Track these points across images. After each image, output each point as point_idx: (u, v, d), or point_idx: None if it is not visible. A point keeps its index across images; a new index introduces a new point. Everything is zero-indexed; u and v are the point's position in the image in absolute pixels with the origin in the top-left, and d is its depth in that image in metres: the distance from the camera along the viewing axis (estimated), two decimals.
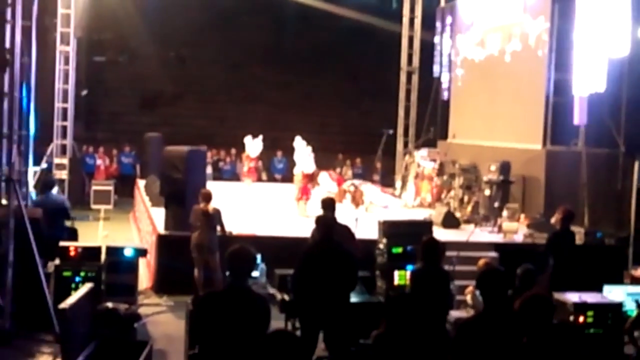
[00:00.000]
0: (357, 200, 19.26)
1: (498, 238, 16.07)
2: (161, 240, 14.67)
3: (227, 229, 13.67)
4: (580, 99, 17.86)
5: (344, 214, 12.20)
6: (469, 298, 10.35)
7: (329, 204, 11.28)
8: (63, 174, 23.57)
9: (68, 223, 13.93)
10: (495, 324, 6.07)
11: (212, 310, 6.50)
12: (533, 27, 20.10)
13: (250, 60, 31.38)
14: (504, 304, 6.22)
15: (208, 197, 13.50)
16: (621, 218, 17.35)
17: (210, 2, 30.67)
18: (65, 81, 23.73)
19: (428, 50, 26.54)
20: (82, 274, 11.35)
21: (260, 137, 23.70)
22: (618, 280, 13.46)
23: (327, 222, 9.29)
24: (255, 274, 10.80)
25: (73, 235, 13.44)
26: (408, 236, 12.08)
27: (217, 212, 13.43)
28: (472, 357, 6.01)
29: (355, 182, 20.61)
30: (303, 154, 19.02)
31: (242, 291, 6.50)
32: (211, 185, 15.91)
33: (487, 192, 18.11)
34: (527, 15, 20.49)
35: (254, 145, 23.66)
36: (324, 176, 19.84)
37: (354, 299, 9.52)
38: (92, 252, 11.81)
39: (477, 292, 8.95)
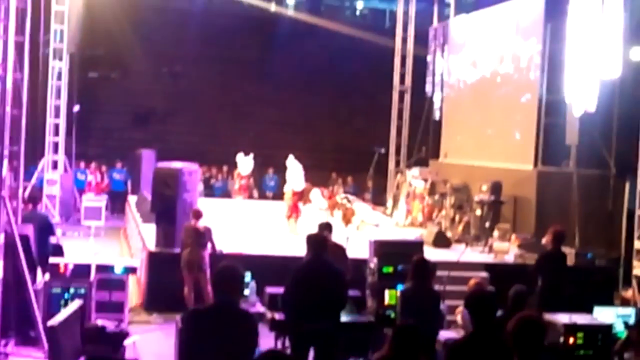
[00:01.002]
0: (347, 218, 19.23)
1: (489, 258, 16.07)
2: (151, 257, 14.63)
3: (218, 247, 13.66)
4: (572, 119, 17.91)
5: (334, 232, 12.18)
6: (459, 318, 10.34)
7: (326, 226, 11.35)
8: (54, 190, 23.52)
9: (53, 239, 13.90)
10: (484, 346, 6.07)
11: (198, 326, 6.48)
12: (525, 49, 20.18)
13: (243, 78, 31.42)
14: (493, 325, 6.22)
15: (199, 215, 13.50)
16: (612, 239, 17.38)
17: (203, 19, 30.73)
18: (58, 97, 23.72)
19: (420, 70, 26.59)
20: (72, 290, 11.29)
21: (252, 155, 23.63)
22: (608, 301, 13.48)
23: (317, 241, 9.28)
24: (245, 292, 10.78)
25: (58, 251, 13.40)
26: (399, 255, 12.05)
27: (207, 230, 13.43)
28: None
29: (349, 197, 20.58)
30: (295, 172, 19.00)
31: (228, 308, 6.48)
32: (202, 203, 15.90)
33: (479, 212, 18.12)
34: (519, 37, 20.57)
35: (245, 163, 23.59)
36: (315, 193, 19.80)
37: (344, 318, 9.50)
38: (81, 269, 11.78)
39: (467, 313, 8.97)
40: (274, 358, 4.93)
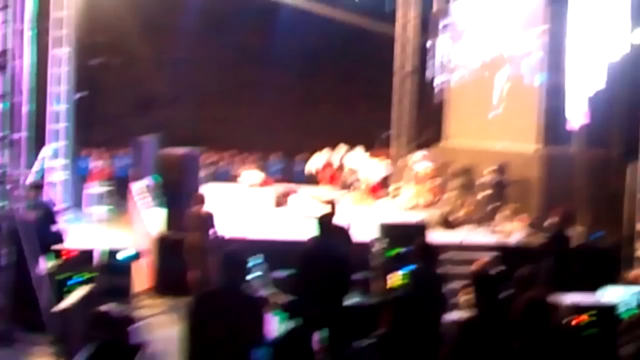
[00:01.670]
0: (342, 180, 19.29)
1: (493, 240, 16.06)
2: (158, 242, 14.65)
3: (219, 232, 13.66)
4: (577, 101, 17.86)
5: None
6: (463, 300, 10.32)
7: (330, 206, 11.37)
8: (57, 177, 23.51)
9: (57, 226, 13.92)
10: (489, 327, 6.07)
11: (204, 310, 6.48)
12: (528, 30, 20.10)
13: (245, 63, 31.35)
14: (498, 306, 6.21)
15: (201, 200, 13.49)
16: (617, 220, 17.34)
17: (205, 5, 30.63)
18: (59, 84, 23.67)
19: (422, 54, 26.52)
20: (77, 277, 11.31)
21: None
22: (614, 282, 13.45)
23: (323, 224, 9.27)
24: (251, 276, 10.79)
25: (60, 238, 13.40)
26: (403, 238, 12.06)
27: (210, 215, 13.43)
28: (468, 359, 6.00)
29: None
30: None
31: (234, 292, 6.48)
32: (206, 188, 15.90)
33: (483, 194, 18.11)
34: (522, 18, 20.50)
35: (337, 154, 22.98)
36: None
37: (348, 301, 9.50)
38: (86, 255, 11.78)
39: (472, 295, 8.95)
40: (296, 337, 4.97)
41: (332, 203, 11.66)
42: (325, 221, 9.29)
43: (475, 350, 5.96)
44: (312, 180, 22.77)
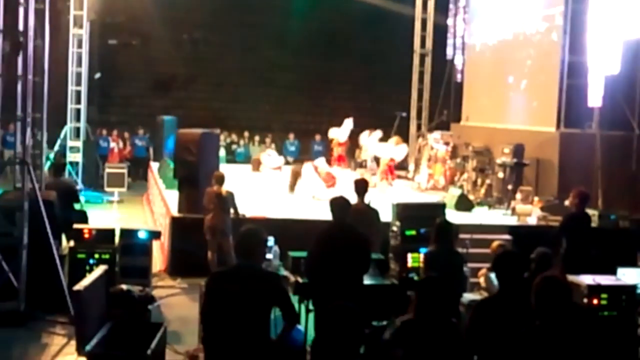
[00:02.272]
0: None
1: (512, 220, 16.05)
2: (175, 222, 14.69)
3: (240, 211, 13.70)
4: (595, 81, 17.78)
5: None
6: (482, 280, 10.35)
7: (361, 186, 11.34)
8: (77, 157, 23.66)
9: (77, 206, 14.00)
10: (511, 306, 6.08)
11: (221, 288, 6.49)
12: (547, 10, 19.99)
13: (263, 43, 31.31)
14: (520, 286, 6.22)
15: (221, 180, 13.52)
16: (635, 200, 17.29)
17: None
18: (79, 64, 23.76)
19: (441, 33, 26.44)
20: (97, 256, 11.38)
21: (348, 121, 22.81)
22: (632, 262, 13.42)
23: (340, 205, 9.27)
24: (268, 256, 10.81)
25: (83, 217, 13.48)
26: (421, 219, 12.04)
27: (230, 195, 13.46)
28: (487, 338, 6.01)
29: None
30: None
31: (251, 270, 6.50)
32: (224, 168, 15.93)
33: (501, 174, 18.10)
34: None
35: (341, 131, 23.04)
36: (307, 167, 19.48)
37: (367, 281, 9.52)
38: (106, 235, 11.86)
39: (491, 275, 8.96)
40: (342, 310, 5.04)
41: (364, 182, 11.73)
42: (339, 203, 9.26)
43: (495, 329, 5.96)
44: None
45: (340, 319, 5.41)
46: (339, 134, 22.41)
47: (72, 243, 11.68)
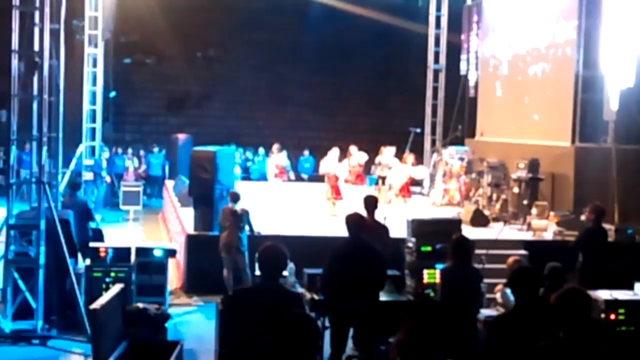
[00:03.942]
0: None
1: (527, 236, 15.99)
2: (190, 240, 14.71)
3: (256, 229, 13.72)
4: (609, 95, 17.74)
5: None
6: (498, 296, 10.31)
7: (370, 202, 11.36)
8: (92, 175, 23.70)
9: (92, 224, 14.05)
10: (527, 322, 6.05)
11: (242, 306, 6.47)
12: (560, 24, 19.98)
13: (277, 61, 31.38)
14: (536, 301, 6.20)
15: (236, 197, 13.56)
16: None
17: (236, 3, 30.74)
18: (94, 83, 23.84)
19: (455, 49, 26.44)
20: (113, 274, 11.43)
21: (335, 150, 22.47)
22: None
23: (355, 221, 9.27)
24: (284, 273, 10.81)
25: (99, 236, 13.53)
26: (437, 234, 12.03)
27: (245, 212, 13.49)
28: (504, 355, 5.99)
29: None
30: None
31: (274, 288, 6.49)
32: (239, 186, 15.96)
33: (516, 189, 18.06)
34: (554, 13, 20.36)
35: (329, 162, 22.75)
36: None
37: (383, 297, 9.50)
38: (122, 253, 11.90)
39: (507, 290, 8.92)
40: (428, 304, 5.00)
41: (374, 199, 11.68)
42: (354, 219, 9.25)
43: (512, 346, 5.93)
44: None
45: None
46: (328, 167, 22.03)
47: (88, 261, 11.72)
